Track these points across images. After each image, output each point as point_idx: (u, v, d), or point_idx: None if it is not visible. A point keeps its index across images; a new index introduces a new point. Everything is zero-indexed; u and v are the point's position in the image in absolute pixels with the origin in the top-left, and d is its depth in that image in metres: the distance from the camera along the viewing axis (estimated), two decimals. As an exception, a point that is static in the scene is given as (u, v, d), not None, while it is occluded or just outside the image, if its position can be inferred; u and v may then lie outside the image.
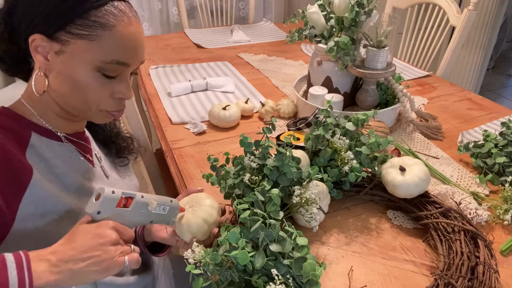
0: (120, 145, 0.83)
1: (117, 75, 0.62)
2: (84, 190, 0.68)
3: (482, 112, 1.29)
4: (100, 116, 0.66)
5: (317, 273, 0.56)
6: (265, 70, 1.63)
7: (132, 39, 0.61)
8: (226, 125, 1.17)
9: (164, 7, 2.68)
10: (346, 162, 0.81)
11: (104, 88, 0.62)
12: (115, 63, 0.60)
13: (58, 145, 0.67)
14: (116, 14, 0.59)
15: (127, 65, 0.62)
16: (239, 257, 0.55)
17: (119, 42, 0.59)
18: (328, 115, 0.90)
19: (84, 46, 0.58)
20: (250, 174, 0.75)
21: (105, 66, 0.60)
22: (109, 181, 0.75)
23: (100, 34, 0.58)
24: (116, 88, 0.63)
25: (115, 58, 0.60)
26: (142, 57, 0.65)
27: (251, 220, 0.61)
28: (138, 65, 0.66)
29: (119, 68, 0.62)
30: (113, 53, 0.59)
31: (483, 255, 0.68)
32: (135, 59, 0.63)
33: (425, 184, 0.80)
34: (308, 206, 0.72)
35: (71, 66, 0.59)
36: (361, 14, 1.06)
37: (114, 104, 0.65)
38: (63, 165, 0.66)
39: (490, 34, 2.55)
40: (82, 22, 0.57)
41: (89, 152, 0.73)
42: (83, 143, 0.72)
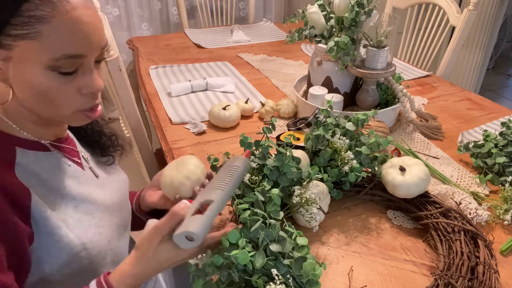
0: (104, 144, 0.79)
1: (77, 68, 0.56)
2: (80, 197, 0.65)
3: (482, 112, 1.29)
4: (75, 118, 0.61)
5: (317, 273, 0.56)
6: (265, 70, 1.63)
7: (79, 26, 0.53)
8: (226, 125, 1.17)
9: (164, 7, 2.68)
10: (346, 162, 0.81)
11: (67, 87, 0.56)
12: (67, 57, 0.53)
13: (46, 156, 0.63)
14: (53, 1, 0.52)
15: (81, 56, 0.55)
16: (239, 257, 0.55)
17: (63, 34, 0.52)
18: (328, 115, 0.90)
19: (28, 47, 0.52)
20: (250, 174, 0.75)
21: (57, 63, 0.53)
22: (99, 180, 0.73)
23: (39, 30, 0.51)
24: (81, 83, 0.57)
25: (64, 53, 0.53)
26: (100, 42, 0.57)
27: (251, 220, 0.61)
28: (98, 51, 0.58)
29: (74, 61, 0.55)
30: (60, 47, 0.53)
31: (483, 255, 0.68)
32: (90, 47, 0.56)
33: (425, 184, 0.80)
34: (308, 206, 0.72)
35: (23, 71, 0.54)
36: (361, 14, 1.06)
37: (86, 101, 0.59)
38: (54, 176, 0.63)
39: (490, 34, 2.55)
40: (18, 21, 0.51)
41: (76, 155, 0.70)
42: (69, 147, 0.69)
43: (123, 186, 0.80)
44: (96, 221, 0.65)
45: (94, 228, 0.64)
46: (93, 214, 0.65)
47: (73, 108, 0.59)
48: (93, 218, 0.65)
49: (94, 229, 0.64)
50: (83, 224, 0.63)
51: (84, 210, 0.64)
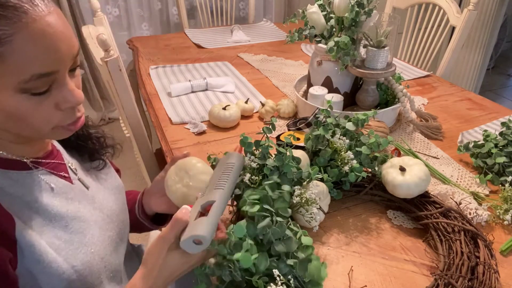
0: (92, 148, 0.74)
1: (50, 85, 0.51)
2: (69, 215, 0.61)
3: (482, 112, 1.29)
4: (56, 134, 0.57)
5: (322, 275, 0.56)
6: (265, 70, 1.63)
7: (44, 41, 0.47)
8: (226, 125, 1.17)
9: (164, 7, 2.68)
10: (346, 162, 0.81)
11: (43, 106, 0.51)
12: (37, 77, 0.48)
13: (28, 175, 0.59)
14: (8, 16, 0.45)
15: (53, 73, 0.50)
16: (242, 260, 0.55)
17: (28, 53, 0.46)
18: (328, 115, 0.90)
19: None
20: (250, 174, 0.75)
21: (27, 85, 0.48)
22: (90, 192, 0.68)
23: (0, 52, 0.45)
24: (58, 98, 0.52)
25: (33, 73, 0.47)
26: (71, 51, 0.51)
27: (259, 216, 0.60)
28: (71, 61, 0.52)
29: (46, 79, 0.49)
30: (27, 68, 0.47)
31: (483, 255, 0.68)
32: (60, 60, 0.50)
33: (425, 184, 0.80)
34: (308, 206, 0.72)
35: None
36: (361, 14, 1.06)
37: (66, 116, 0.54)
38: (40, 196, 0.58)
39: (490, 34, 2.55)
40: None
41: (63, 169, 0.65)
42: (55, 162, 0.64)
43: (117, 194, 0.76)
44: (88, 238, 0.62)
45: (85, 247, 0.60)
46: (84, 232, 0.62)
47: (52, 125, 0.54)
48: (84, 236, 0.61)
49: (85, 248, 0.60)
50: (73, 244, 0.59)
51: (74, 229, 0.60)
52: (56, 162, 0.64)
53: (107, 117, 2.82)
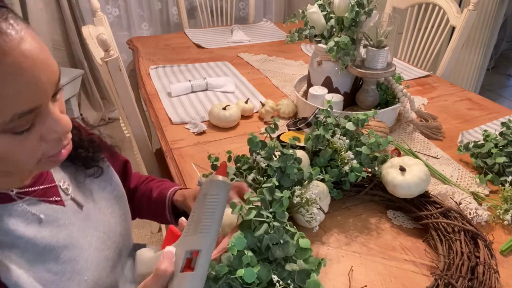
0: (85, 156, 0.66)
1: (33, 121, 0.45)
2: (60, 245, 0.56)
3: (482, 112, 1.29)
4: (42, 166, 0.51)
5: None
6: (265, 70, 1.63)
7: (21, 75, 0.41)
8: (226, 125, 1.17)
9: (164, 7, 2.68)
10: (346, 162, 0.81)
11: (27, 142, 0.46)
12: (18, 117, 0.43)
13: (14, 207, 0.53)
14: None
15: (36, 109, 0.44)
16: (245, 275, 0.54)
17: (4, 93, 0.41)
18: (328, 115, 0.90)
19: None
20: (257, 174, 0.75)
21: (8, 126, 0.43)
22: (84, 211, 0.64)
23: None
24: (42, 131, 0.47)
25: (13, 114, 0.42)
26: (52, 79, 0.45)
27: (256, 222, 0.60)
28: (53, 90, 0.47)
29: (28, 117, 0.44)
30: (5, 110, 0.41)
31: (483, 255, 0.68)
32: (43, 92, 0.44)
33: (425, 184, 0.80)
34: (308, 207, 0.72)
35: None
36: (361, 14, 1.06)
37: (52, 146, 0.50)
38: (26, 230, 0.53)
39: (490, 34, 2.55)
40: None
41: (54, 192, 0.60)
42: (44, 187, 0.58)
43: (115, 204, 0.71)
44: (81, 265, 0.58)
45: (78, 276, 0.57)
46: (77, 259, 0.58)
47: (38, 159, 0.49)
48: (77, 263, 0.57)
49: (78, 276, 0.57)
50: (65, 274, 0.55)
51: (66, 258, 0.56)
52: (45, 187, 0.59)
53: (107, 117, 2.82)
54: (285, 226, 0.64)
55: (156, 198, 0.81)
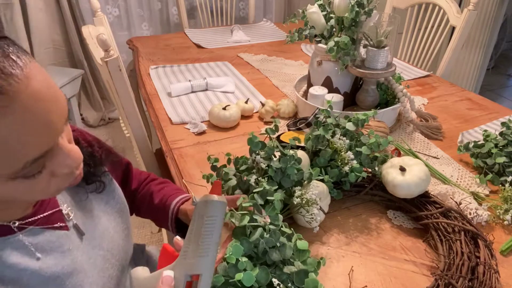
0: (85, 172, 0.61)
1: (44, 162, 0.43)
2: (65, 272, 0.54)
3: (482, 112, 1.29)
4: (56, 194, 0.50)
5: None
6: (265, 70, 1.63)
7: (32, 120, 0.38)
8: (226, 125, 1.17)
9: (164, 7, 2.68)
10: (346, 163, 0.81)
11: (38, 183, 0.43)
12: (30, 164, 0.40)
13: (16, 240, 0.50)
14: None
15: (50, 150, 0.42)
16: (244, 279, 0.53)
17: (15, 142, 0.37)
18: (328, 115, 0.90)
19: None
20: (257, 175, 0.75)
21: (19, 174, 0.40)
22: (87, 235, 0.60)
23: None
24: (53, 167, 0.44)
25: (25, 162, 0.39)
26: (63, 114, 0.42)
27: (250, 227, 0.60)
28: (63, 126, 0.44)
29: (40, 161, 0.42)
30: (17, 159, 0.39)
31: (484, 255, 0.68)
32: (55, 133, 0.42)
33: (425, 184, 0.80)
34: (308, 207, 0.72)
35: None
36: (361, 14, 1.06)
37: (64, 179, 0.47)
38: (31, 261, 0.50)
39: (490, 34, 2.55)
40: None
41: (58, 217, 0.57)
42: (46, 214, 0.55)
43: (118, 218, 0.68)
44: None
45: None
46: (82, 284, 0.56)
47: (51, 193, 0.47)
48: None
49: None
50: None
51: (71, 285, 0.54)
52: (48, 213, 0.56)
53: (107, 117, 2.82)
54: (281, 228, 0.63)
55: (159, 205, 0.79)
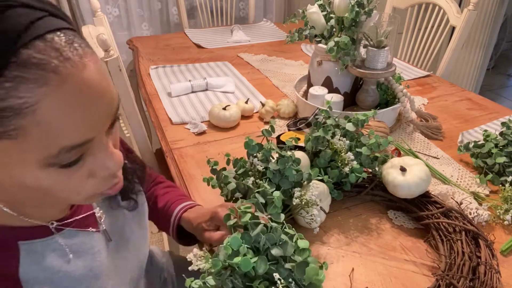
0: (126, 187, 0.62)
1: (83, 153, 0.41)
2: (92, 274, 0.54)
3: (482, 112, 1.29)
4: (90, 200, 0.48)
5: (320, 278, 0.55)
6: (265, 70, 1.63)
7: (77, 105, 0.37)
8: (226, 125, 1.17)
9: (164, 7, 2.68)
10: (347, 163, 0.81)
11: (74, 177, 0.42)
12: (67, 150, 0.38)
13: (53, 241, 0.51)
14: (31, 79, 0.34)
15: (88, 141, 0.40)
16: (242, 264, 0.54)
17: (55, 124, 0.36)
18: (328, 115, 0.90)
19: (9, 148, 0.36)
20: (255, 177, 0.75)
21: (55, 160, 0.38)
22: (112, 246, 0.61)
23: (19, 126, 0.35)
24: (92, 165, 0.43)
25: (62, 147, 0.38)
26: (111, 108, 0.41)
27: (252, 224, 0.60)
28: (110, 120, 0.42)
29: (79, 150, 0.39)
30: (54, 142, 0.37)
31: (485, 255, 0.68)
32: (98, 124, 0.40)
33: (426, 184, 0.80)
34: (308, 208, 0.72)
35: (12, 174, 0.39)
36: (361, 14, 1.06)
37: (102, 183, 0.45)
38: (65, 263, 0.51)
39: (490, 34, 2.55)
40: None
41: (91, 221, 0.57)
42: (82, 216, 0.56)
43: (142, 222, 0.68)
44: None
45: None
46: (106, 285, 0.56)
47: (87, 195, 0.45)
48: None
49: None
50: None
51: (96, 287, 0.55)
52: (83, 216, 0.56)
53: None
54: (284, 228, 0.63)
55: (162, 209, 0.79)
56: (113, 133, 0.45)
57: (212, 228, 0.70)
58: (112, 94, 0.41)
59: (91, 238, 0.56)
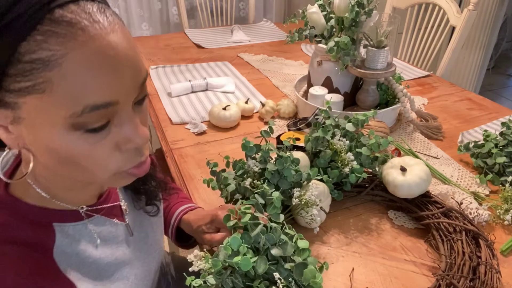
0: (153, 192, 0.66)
1: (109, 120, 0.42)
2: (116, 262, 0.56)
3: (482, 112, 1.29)
4: (116, 180, 0.48)
5: (317, 281, 0.55)
6: (265, 70, 1.63)
7: (102, 62, 0.38)
8: (226, 125, 1.17)
9: (164, 7, 2.68)
10: (347, 164, 0.81)
11: (100, 146, 0.42)
12: (91, 109, 0.39)
13: (83, 227, 0.53)
14: (61, 33, 0.36)
15: (113, 104, 0.40)
16: (241, 263, 0.54)
17: (82, 78, 0.38)
18: (328, 116, 0.90)
19: (37, 104, 0.38)
20: (252, 178, 0.75)
21: (80, 119, 0.39)
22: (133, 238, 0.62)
23: (48, 78, 0.37)
24: (118, 137, 0.43)
25: (87, 104, 0.39)
26: (136, 76, 0.42)
27: (251, 224, 0.60)
28: (136, 91, 0.43)
29: (104, 112, 0.40)
30: (79, 96, 0.38)
31: (485, 255, 0.68)
32: (122, 88, 0.41)
33: (426, 184, 0.80)
34: (308, 208, 0.72)
35: (39, 134, 0.41)
36: (361, 14, 1.06)
37: (127, 159, 0.45)
38: (94, 250, 0.53)
39: (490, 34, 2.55)
40: (17, 69, 0.37)
41: (117, 211, 0.60)
42: (110, 205, 0.58)
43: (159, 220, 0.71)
44: (131, 281, 0.58)
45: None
46: (128, 275, 0.58)
47: (113, 171, 0.46)
48: (127, 280, 0.58)
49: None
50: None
51: (120, 276, 0.56)
52: (110, 205, 0.58)
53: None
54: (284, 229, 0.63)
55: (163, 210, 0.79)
56: (142, 111, 0.46)
57: (212, 231, 0.71)
58: (140, 65, 0.43)
59: (116, 228, 0.58)
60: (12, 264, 0.44)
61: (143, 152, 0.47)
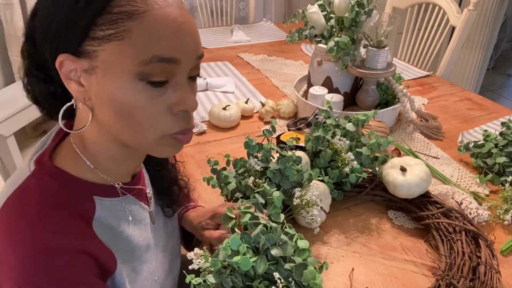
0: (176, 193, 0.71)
1: (168, 79, 0.47)
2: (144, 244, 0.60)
3: (482, 112, 1.29)
4: (162, 145, 0.51)
5: (317, 282, 0.55)
6: (265, 70, 1.63)
7: (173, 24, 0.46)
8: (226, 125, 1.17)
9: (164, 7, 2.68)
10: (347, 163, 0.81)
11: (155, 102, 0.47)
12: (157, 60, 0.45)
13: (118, 203, 0.56)
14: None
15: (175, 61, 0.46)
16: (241, 263, 0.54)
17: (155, 31, 0.45)
18: (328, 115, 0.90)
19: (114, 50, 0.44)
20: (254, 177, 0.75)
21: (146, 68, 0.45)
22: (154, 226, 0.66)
23: (128, 28, 0.44)
24: (172, 99, 0.48)
25: (155, 54, 0.45)
26: (196, 48, 0.49)
27: (251, 224, 0.60)
28: (194, 61, 0.49)
29: (166, 67, 0.46)
30: (150, 47, 0.45)
31: (485, 255, 0.68)
32: (185, 50, 0.47)
33: (426, 184, 0.80)
34: (308, 208, 0.72)
35: (107, 84, 0.46)
36: (361, 14, 1.06)
37: (176, 122, 0.49)
38: (126, 227, 0.57)
39: (490, 34, 2.55)
40: (105, 19, 0.44)
41: (144, 196, 0.63)
42: (140, 187, 0.62)
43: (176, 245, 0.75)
44: (153, 265, 0.62)
45: (151, 276, 0.61)
46: (151, 259, 0.62)
47: (161, 132, 0.49)
48: (151, 264, 0.61)
49: (151, 276, 0.61)
50: (143, 274, 0.59)
51: (145, 259, 0.60)
52: (141, 187, 0.62)
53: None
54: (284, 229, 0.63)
55: None
56: (193, 87, 0.52)
57: (211, 227, 0.72)
58: (199, 40, 0.50)
59: (143, 211, 0.62)
60: (58, 227, 0.47)
61: (190, 120, 0.51)
